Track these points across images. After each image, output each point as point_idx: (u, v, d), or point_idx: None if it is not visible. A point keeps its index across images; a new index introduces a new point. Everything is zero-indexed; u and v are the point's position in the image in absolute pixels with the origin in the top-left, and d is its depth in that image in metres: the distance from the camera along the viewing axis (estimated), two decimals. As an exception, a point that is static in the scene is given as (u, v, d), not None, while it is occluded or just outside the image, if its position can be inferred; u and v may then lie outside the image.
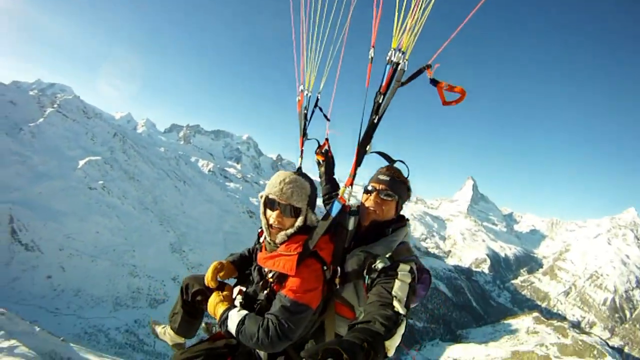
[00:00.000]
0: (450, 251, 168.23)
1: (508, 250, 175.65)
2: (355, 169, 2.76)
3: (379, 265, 2.46)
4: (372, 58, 2.76)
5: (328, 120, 3.99)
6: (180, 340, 3.54)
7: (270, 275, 2.68)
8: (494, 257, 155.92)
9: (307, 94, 3.83)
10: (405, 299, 2.26)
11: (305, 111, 3.83)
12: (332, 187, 3.85)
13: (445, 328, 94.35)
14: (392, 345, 2.02)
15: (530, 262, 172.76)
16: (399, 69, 2.51)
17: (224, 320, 2.55)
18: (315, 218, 2.72)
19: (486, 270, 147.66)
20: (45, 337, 27.49)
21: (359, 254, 2.60)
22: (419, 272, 2.66)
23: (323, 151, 4.04)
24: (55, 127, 70.62)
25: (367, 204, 2.74)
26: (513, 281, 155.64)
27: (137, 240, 67.25)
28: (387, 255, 2.50)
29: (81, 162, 69.54)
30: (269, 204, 2.64)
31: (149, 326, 46.60)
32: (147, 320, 54.99)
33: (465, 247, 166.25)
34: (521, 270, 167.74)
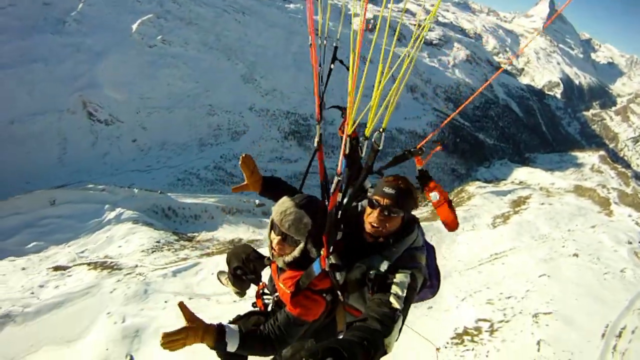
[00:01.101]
0: (523, 69, 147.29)
1: (583, 78, 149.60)
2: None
3: (378, 273, 2.38)
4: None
5: (347, 69, 2.58)
6: (240, 290, 3.74)
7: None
8: (568, 84, 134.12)
9: (322, 43, 3.11)
10: (403, 296, 2.21)
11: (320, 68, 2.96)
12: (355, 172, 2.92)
13: (514, 149, 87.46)
14: (390, 342, 2.02)
15: (603, 97, 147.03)
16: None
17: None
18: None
19: (558, 96, 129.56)
20: (145, 195, 34.40)
21: (360, 266, 2.45)
22: (425, 280, 2.54)
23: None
24: (96, 4, 67.47)
25: (369, 220, 2.48)
26: (584, 112, 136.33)
27: (209, 81, 67.10)
28: (386, 266, 2.38)
29: (134, 26, 66.53)
30: (274, 227, 2.56)
31: (236, 159, 51.42)
32: (232, 154, 59.30)
33: (539, 67, 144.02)
34: (594, 103, 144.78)
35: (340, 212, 2.14)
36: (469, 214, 29.44)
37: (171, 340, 2.01)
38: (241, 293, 3.77)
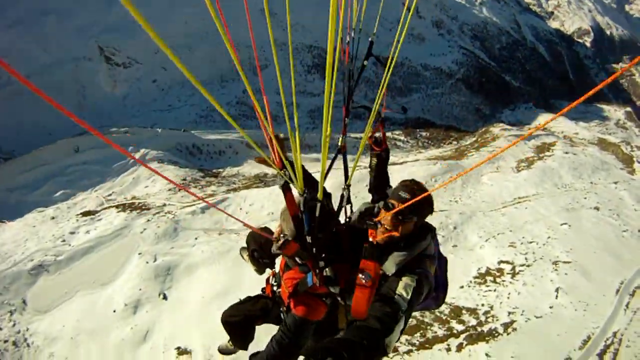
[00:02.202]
0: (552, 13, 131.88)
1: (614, 29, 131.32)
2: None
3: (385, 274, 2.32)
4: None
5: (387, 69, 2.45)
6: (258, 269, 3.64)
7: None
8: (598, 33, 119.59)
9: (351, 38, 2.88)
10: (408, 298, 2.14)
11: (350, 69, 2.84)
12: (381, 182, 3.15)
13: (540, 94, 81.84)
14: (391, 342, 1.96)
15: (634, 51, 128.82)
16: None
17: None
18: None
19: (588, 44, 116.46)
20: (168, 134, 33.44)
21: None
22: (430, 289, 2.45)
23: (377, 139, 3.11)
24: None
25: (383, 222, 2.42)
26: (614, 65, 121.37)
27: (227, 17, 65.41)
28: (395, 268, 2.32)
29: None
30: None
31: (259, 94, 50.15)
32: (254, 88, 57.64)
33: (569, 12, 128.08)
34: (624, 57, 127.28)
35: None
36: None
37: None
38: (259, 271, 3.59)
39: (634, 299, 12.67)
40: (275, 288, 3.08)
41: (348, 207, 2.94)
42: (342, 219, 2.85)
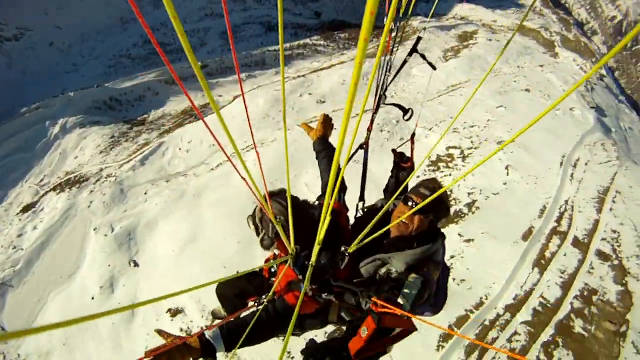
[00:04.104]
0: None
1: None
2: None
3: (391, 272, 2.22)
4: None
5: (434, 69, 2.91)
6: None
7: None
8: None
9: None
10: (411, 299, 2.03)
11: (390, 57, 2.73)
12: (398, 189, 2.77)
13: None
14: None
15: None
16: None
17: None
18: None
19: None
20: (82, 95, 29.04)
21: (376, 260, 2.29)
22: (431, 295, 2.30)
23: (404, 155, 2.97)
24: None
25: (399, 215, 2.35)
26: None
27: None
28: (404, 268, 2.20)
29: None
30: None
31: (165, 27, 43.76)
32: (158, 23, 50.45)
33: None
34: None
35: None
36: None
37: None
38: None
39: (576, 170, 13.07)
40: (272, 272, 3.00)
41: (360, 204, 2.90)
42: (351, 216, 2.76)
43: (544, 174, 12.82)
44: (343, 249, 2.00)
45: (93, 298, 11.78)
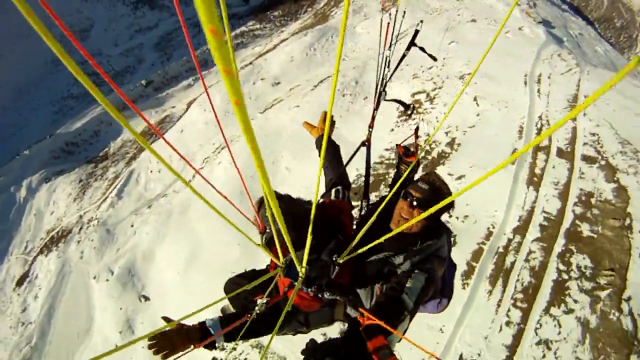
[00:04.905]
0: None
1: None
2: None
3: (394, 270, 2.16)
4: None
5: (434, 59, 2.86)
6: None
7: None
8: None
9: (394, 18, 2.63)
10: (415, 297, 1.97)
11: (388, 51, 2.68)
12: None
13: None
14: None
15: None
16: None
17: None
18: None
19: None
20: (37, 150, 27.81)
21: (380, 259, 2.21)
22: (436, 291, 2.22)
23: (408, 148, 2.81)
24: None
25: (400, 212, 2.25)
26: None
27: None
28: (409, 265, 2.13)
29: None
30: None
31: (98, 54, 41.96)
32: (91, 52, 48.58)
33: None
34: None
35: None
36: (355, 5, 26.46)
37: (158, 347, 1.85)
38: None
39: (541, 85, 12.74)
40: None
41: (364, 202, 2.92)
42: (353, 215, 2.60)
43: (511, 96, 12.53)
44: (334, 258, 1.92)
45: (116, 345, 11.27)
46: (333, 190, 2.55)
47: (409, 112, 2.83)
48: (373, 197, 10.36)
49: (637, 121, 9.69)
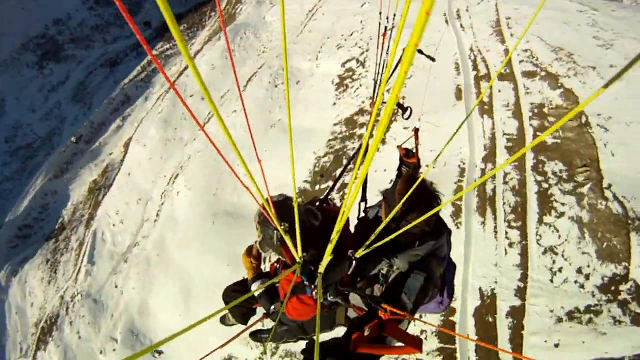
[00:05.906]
0: None
1: None
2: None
3: (393, 271, 2.15)
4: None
5: (433, 60, 3.01)
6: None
7: None
8: None
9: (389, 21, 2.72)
10: (414, 297, 1.93)
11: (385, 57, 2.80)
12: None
13: None
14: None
15: None
16: None
17: None
18: None
19: None
20: None
21: (381, 261, 2.19)
22: (436, 291, 2.28)
23: (409, 150, 2.74)
24: None
25: (398, 190, 2.16)
26: None
27: None
28: (407, 266, 2.10)
29: None
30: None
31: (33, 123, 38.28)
32: (21, 124, 44.67)
33: None
34: None
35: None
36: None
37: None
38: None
39: (462, 19, 12.38)
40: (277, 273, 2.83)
41: (362, 204, 2.86)
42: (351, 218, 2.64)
43: (437, 37, 12.44)
44: (350, 253, 1.94)
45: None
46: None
47: (405, 117, 2.72)
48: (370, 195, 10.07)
49: (564, 28, 9.79)
